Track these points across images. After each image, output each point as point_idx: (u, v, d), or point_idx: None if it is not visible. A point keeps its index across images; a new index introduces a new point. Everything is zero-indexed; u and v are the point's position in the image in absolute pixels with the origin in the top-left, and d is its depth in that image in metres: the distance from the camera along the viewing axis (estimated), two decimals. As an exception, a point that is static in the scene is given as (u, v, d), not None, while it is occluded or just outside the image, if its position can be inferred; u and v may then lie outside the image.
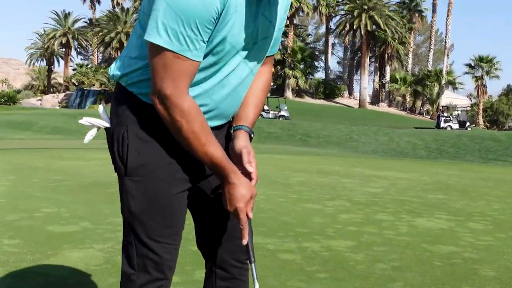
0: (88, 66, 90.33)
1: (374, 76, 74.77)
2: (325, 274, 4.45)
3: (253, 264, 2.57)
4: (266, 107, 53.84)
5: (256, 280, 2.49)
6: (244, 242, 2.55)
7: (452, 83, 64.25)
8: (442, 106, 58.39)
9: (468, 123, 54.81)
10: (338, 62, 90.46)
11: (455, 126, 52.56)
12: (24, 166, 11.71)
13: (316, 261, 4.77)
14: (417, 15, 68.83)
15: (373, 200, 8.42)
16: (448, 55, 64.92)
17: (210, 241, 2.91)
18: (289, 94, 69.19)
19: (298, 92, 72.93)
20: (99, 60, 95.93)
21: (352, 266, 4.64)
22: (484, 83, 62.87)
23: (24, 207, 7.45)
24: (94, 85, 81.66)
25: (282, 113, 53.65)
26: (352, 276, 4.36)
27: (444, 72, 63.62)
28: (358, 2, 64.46)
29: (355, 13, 64.47)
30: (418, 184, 10.88)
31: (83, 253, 5.97)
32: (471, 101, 76.58)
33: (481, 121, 65.17)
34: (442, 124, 52.47)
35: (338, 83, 77.95)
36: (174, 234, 2.62)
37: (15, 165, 11.79)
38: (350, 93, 76.51)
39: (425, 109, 69.33)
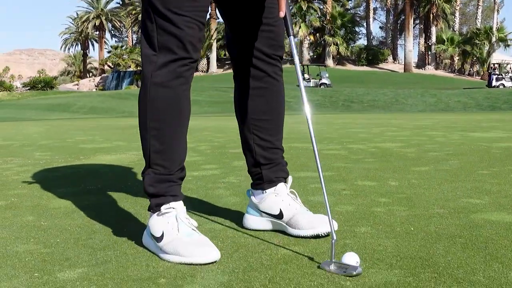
0: (123, 48, 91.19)
1: (419, 39, 73.11)
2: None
3: (292, 41, 2.73)
4: (306, 76, 53.34)
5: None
6: (282, 14, 2.64)
7: (503, 40, 62.27)
8: (493, 64, 56.71)
9: (517, 79, 53.06)
10: (380, 27, 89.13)
11: (508, 84, 51.03)
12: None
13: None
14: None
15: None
16: (498, 11, 62.96)
17: (244, 40, 3.05)
18: (329, 62, 68.45)
19: (339, 60, 72.04)
20: (134, 41, 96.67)
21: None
22: (538, 38, 60.67)
23: (57, 137, 7.60)
24: (130, 67, 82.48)
25: (324, 80, 53.18)
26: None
27: (494, 29, 61.67)
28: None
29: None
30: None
31: (116, 156, 6.10)
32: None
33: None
34: (494, 83, 51.02)
35: (382, 48, 76.52)
36: (196, 9, 2.58)
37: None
38: (395, 58, 75.11)
39: (474, 70, 67.52)
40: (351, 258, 2.69)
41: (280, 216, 3.32)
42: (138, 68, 78.51)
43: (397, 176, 5.38)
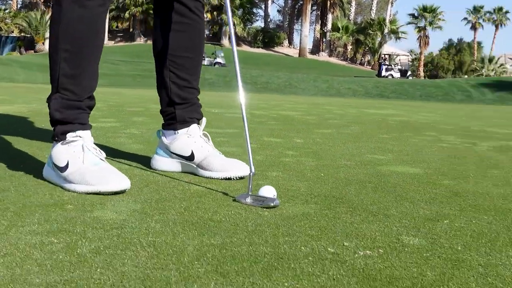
0: (6, 11, 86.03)
1: (315, 25, 74.88)
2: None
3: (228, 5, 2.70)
4: (201, 53, 53.09)
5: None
6: None
7: (395, 32, 65.23)
8: (384, 54, 59.36)
9: (409, 72, 55.99)
10: (278, 11, 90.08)
11: (397, 74, 53.58)
12: None
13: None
14: (360, -40, 68.96)
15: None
16: (392, 3, 65.79)
17: None
18: (225, 42, 68.53)
19: (236, 40, 72.27)
20: (19, 5, 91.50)
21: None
22: (426, 34, 64.18)
23: None
24: (12, 32, 78.04)
25: (218, 60, 53.25)
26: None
27: (387, 21, 64.43)
28: None
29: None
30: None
31: (3, 107, 5.75)
32: (412, 56, 78.06)
33: (422, 73, 66.73)
34: (384, 73, 53.38)
35: (278, 32, 77.71)
36: None
37: None
38: (290, 43, 76.56)
39: (366, 60, 70.31)
40: (268, 191, 2.70)
41: (191, 157, 3.28)
42: (22, 34, 74.64)
43: (302, 136, 5.50)
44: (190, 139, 3.28)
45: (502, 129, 7.77)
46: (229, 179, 3.18)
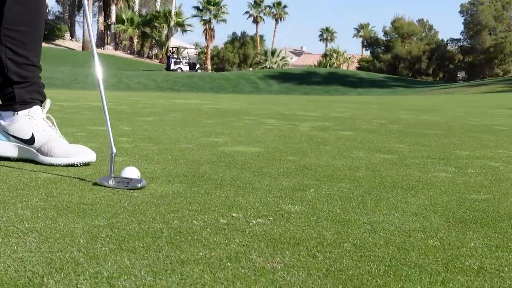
0: None
1: (99, 17, 72.99)
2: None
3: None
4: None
5: None
6: None
7: (181, 25, 66.11)
8: (172, 47, 59.97)
9: (198, 65, 57.25)
10: (57, 1, 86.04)
11: (185, 68, 54.43)
12: None
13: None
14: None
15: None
16: (176, -4, 66.53)
17: None
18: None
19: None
20: None
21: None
22: (212, 27, 66.05)
23: None
24: None
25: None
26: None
27: (173, 13, 65.08)
28: None
29: None
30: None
31: None
32: (198, 50, 79.86)
33: (209, 66, 68.59)
34: (172, 66, 53.90)
35: (58, 24, 74.37)
36: None
37: None
38: (72, 35, 73.78)
39: (154, 53, 70.37)
40: (132, 172, 2.63)
41: (31, 141, 3.05)
42: None
43: (127, 124, 5.39)
44: (31, 121, 3.05)
45: (309, 112, 8.36)
46: (73, 165, 3.02)
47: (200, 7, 65.45)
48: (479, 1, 62.13)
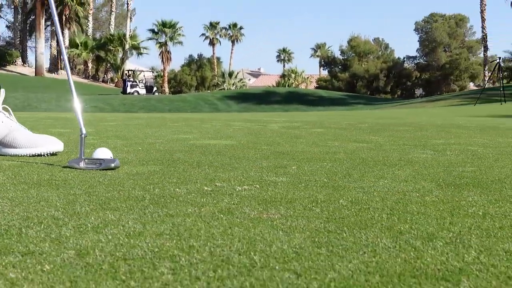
0: None
1: (51, 41, 72.08)
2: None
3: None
4: None
5: None
6: None
7: (136, 48, 65.68)
8: (128, 71, 59.46)
9: (155, 88, 56.88)
10: (7, 26, 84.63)
11: (142, 91, 54.01)
12: None
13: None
14: (95, -26, 68.18)
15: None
16: (131, 19, 66.17)
17: None
18: None
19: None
20: None
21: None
22: (168, 49, 65.85)
23: None
24: None
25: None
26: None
27: (127, 36, 64.68)
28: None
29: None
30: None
31: None
32: (155, 73, 79.50)
33: (167, 89, 68.26)
34: (129, 90, 53.39)
35: (10, 49, 73.16)
36: None
37: None
38: (24, 61, 72.62)
39: (109, 77, 69.71)
40: (104, 153, 2.51)
41: (-10, 135, 2.91)
42: None
43: (91, 127, 5.24)
44: (-13, 114, 2.92)
45: (275, 118, 8.32)
46: (40, 155, 2.88)
47: (156, 30, 65.19)
48: (433, 19, 63.60)
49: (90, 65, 68.72)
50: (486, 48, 49.90)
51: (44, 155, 2.90)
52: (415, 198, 1.83)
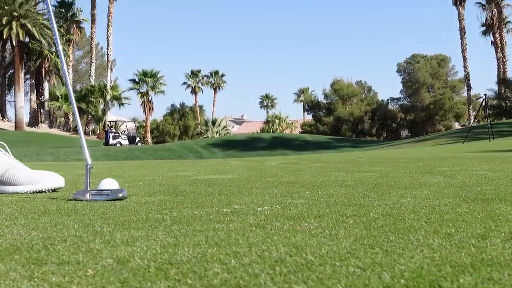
0: None
1: (31, 95, 72.10)
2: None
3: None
4: None
5: None
6: None
7: (117, 98, 65.79)
8: (110, 122, 59.47)
9: (138, 139, 56.84)
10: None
11: (125, 142, 53.91)
12: None
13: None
14: (75, 26, 68.79)
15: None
16: (111, 69, 66.43)
17: None
18: None
19: None
20: None
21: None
22: (150, 99, 66.04)
23: None
24: None
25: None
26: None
27: (108, 87, 64.89)
28: (6, 8, 61.45)
29: (4, 21, 61.30)
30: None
31: None
32: (137, 124, 79.56)
33: (150, 139, 68.20)
34: (111, 141, 53.28)
35: (-13, 104, 73.03)
36: None
37: None
38: (3, 115, 72.42)
39: (91, 129, 69.63)
40: (110, 183, 2.45)
41: (-13, 173, 2.84)
42: None
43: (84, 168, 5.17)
44: (-18, 153, 2.86)
45: (270, 157, 8.28)
46: (41, 192, 2.81)
47: (137, 80, 65.48)
48: (415, 60, 64.66)
49: (70, 117, 68.67)
50: (469, 87, 50.65)
51: (45, 191, 2.83)
52: (446, 210, 1.79)
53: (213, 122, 72.70)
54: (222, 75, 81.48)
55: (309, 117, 74.68)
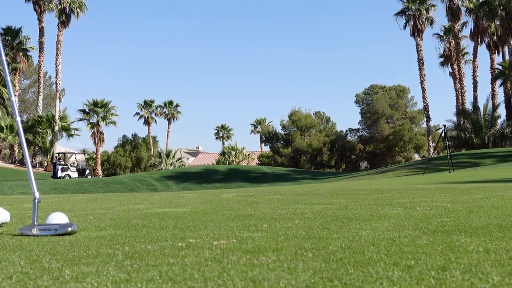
0: None
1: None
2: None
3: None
4: None
5: None
6: None
7: (67, 129, 64.86)
8: (58, 153, 58.55)
9: (88, 171, 56.02)
10: None
11: (74, 174, 53.11)
12: None
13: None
14: (21, 54, 67.94)
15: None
16: (60, 99, 65.60)
17: None
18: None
19: None
20: None
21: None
22: (101, 130, 65.37)
23: None
24: None
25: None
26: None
27: (57, 118, 64.03)
28: None
29: None
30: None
31: None
32: (86, 156, 78.53)
33: (100, 172, 67.33)
34: (60, 173, 52.44)
35: None
36: None
37: None
38: None
39: (38, 161, 68.38)
40: (59, 217, 2.41)
41: None
42: None
43: (30, 201, 5.08)
44: None
45: (226, 190, 8.28)
46: (-15, 226, 2.76)
47: (87, 110, 64.71)
48: (374, 90, 65.84)
49: (16, 149, 67.49)
50: (428, 118, 51.66)
51: (-13, 226, 2.77)
52: (406, 242, 1.82)
53: (167, 154, 72.24)
54: (177, 105, 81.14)
55: (266, 149, 74.96)
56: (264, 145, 76.53)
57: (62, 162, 55.30)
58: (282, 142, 67.90)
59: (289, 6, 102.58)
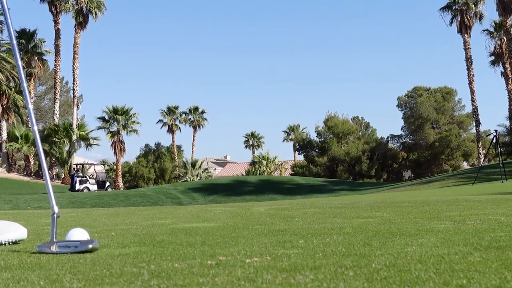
0: None
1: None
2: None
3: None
4: None
5: None
6: None
7: (85, 139, 65.52)
8: (76, 165, 59.15)
9: (108, 184, 56.51)
10: None
11: (93, 187, 53.62)
12: None
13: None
14: (36, 58, 68.88)
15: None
16: (78, 106, 66.41)
17: None
18: None
19: None
20: None
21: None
22: (121, 139, 65.90)
23: None
24: None
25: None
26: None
27: (74, 126, 64.78)
28: (-41, 39, 61.58)
29: (-43, 53, 61.43)
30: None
31: None
32: (106, 167, 79.24)
33: (121, 184, 67.87)
34: (78, 186, 53.00)
35: None
36: None
37: None
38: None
39: (54, 173, 69.22)
40: (79, 233, 2.45)
41: None
42: None
43: (49, 217, 5.17)
44: None
45: (257, 203, 8.30)
46: (1, 244, 2.80)
47: (106, 117, 65.19)
48: (417, 93, 65.35)
49: (32, 160, 68.37)
50: (478, 123, 51.16)
51: (5, 243, 2.82)
52: (457, 259, 1.80)
53: (193, 164, 72.52)
54: (203, 112, 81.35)
55: (300, 158, 74.79)
56: (298, 154, 76.31)
57: (81, 174, 55.92)
58: (317, 150, 67.72)
59: (321, 7, 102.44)
